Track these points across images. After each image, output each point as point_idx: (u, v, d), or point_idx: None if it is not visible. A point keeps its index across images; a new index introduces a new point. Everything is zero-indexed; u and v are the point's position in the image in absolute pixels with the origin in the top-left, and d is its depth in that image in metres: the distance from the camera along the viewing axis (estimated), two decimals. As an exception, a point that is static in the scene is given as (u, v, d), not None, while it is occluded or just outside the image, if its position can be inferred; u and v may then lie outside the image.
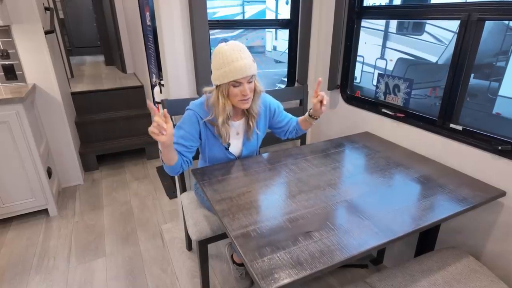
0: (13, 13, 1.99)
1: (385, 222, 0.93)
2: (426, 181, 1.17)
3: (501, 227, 1.17)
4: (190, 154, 1.26)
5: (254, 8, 9.29)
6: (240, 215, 0.97)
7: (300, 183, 1.15)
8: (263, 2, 9.33)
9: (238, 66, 1.11)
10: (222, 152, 1.33)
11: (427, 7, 1.38)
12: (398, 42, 4.89)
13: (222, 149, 1.32)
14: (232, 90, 1.16)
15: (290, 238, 0.87)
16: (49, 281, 1.66)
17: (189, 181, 1.74)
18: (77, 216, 2.19)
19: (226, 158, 1.35)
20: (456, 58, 1.22)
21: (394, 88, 1.54)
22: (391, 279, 1.09)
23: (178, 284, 1.62)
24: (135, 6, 2.67)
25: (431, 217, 0.96)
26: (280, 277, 0.74)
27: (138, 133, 3.09)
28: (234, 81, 1.14)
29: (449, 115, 1.30)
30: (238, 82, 1.15)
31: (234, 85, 1.15)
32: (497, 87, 3.84)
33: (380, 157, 1.37)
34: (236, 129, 1.33)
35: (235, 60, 1.11)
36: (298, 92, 1.89)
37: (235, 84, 1.15)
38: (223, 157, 1.34)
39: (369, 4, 1.63)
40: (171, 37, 1.51)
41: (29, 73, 2.15)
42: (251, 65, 1.15)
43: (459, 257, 1.17)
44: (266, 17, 9.05)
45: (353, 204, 1.03)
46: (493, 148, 1.14)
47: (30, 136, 1.93)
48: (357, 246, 0.84)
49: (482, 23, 1.14)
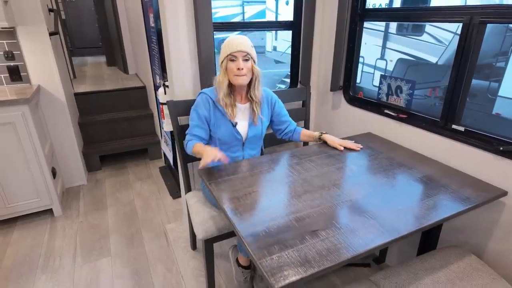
0: (18, 14, 2.01)
1: (389, 221, 0.95)
2: (429, 181, 1.20)
3: (503, 226, 1.20)
4: (206, 134, 1.42)
5: (254, 8, 9.30)
6: (247, 214, 0.99)
7: (305, 183, 1.17)
8: (263, 3, 9.35)
9: (235, 43, 1.31)
10: (230, 131, 1.42)
11: (429, 10, 1.40)
12: (398, 42, 4.91)
13: (231, 128, 1.41)
14: (229, 64, 1.33)
15: (298, 236, 0.88)
16: (55, 280, 1.68)
17: (193, 181, 1.76)
18: (81, 216, 2.21)
19: (234, 137, 1.43)
20: (458, 60, 1.25)
21: (396, 89, 1.56)
22: (395, 277, 1.11)
23: (184, 283, 1.64)
24: (137, 7, 2.69)
25: (435, 216, 0.98)
26: (289, 274, 0.76)
27: (141, 133, 3.11)
28: (230, 54, 1.31)
29: (451, 116, 1.32)
30: (234, 56, 1.30)
31: (231, 59, 1.32)
32: (496, 87, 3.87)
33: (383, 157, 1.39)
34: (242, 111, 1.45)
35: (234, 39, 1.32)
36: (301, 93, 1.91)
37: (232, 58, 1.31)
38: (231, 136, 1.42)
39: (371, 4, 1.65)
40: (176, 39, 1.53)
41: (33, 74, 2.17)
42: (247, 44, 1.32)
43: (462, 256, 1.19)
44: (266, 17, 9.08)
45: (357, 203, 1.05)
46: (494, 149, 1.17)
47: (35, 137, 1.95)
48: (363, 245, 0.86)
49: (483, 26, 1.16)
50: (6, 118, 1.84)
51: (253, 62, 1.35)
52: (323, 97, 1.99)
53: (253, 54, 1.35)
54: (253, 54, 1.35)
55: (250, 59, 1.34)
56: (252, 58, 1.34)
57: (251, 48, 1.34)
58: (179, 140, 1.58)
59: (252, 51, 1.35)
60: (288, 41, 7.28)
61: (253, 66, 1.36)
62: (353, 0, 1.61)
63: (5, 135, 1.87)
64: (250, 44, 1.34)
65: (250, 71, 1.35)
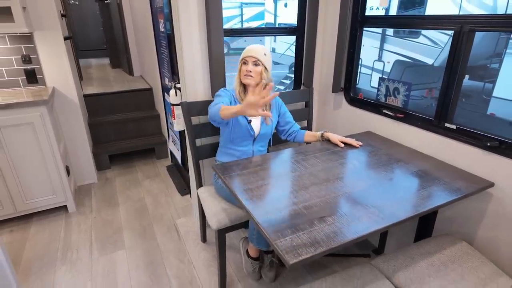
0: (35, 20, 2.11)
1: (389, 209, 1.07)
2: (424, 174, 1.31)
3: (491, 215, 1.31)
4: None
5: (253, 10, 9.42)
6: (261, 203, 1.11)
7: (311, 176, 1.29)
8: (261, 5, 9.46)
9: (249, 49, 1.51)
10: (245, 127, 1.57)
11: (424, 18, 1.52)
12: (395, 44, 5.03)
13: (246, 124, 1.57)
14: (242, 67, 1.53)
15: (307, 222, 1.00)
16: (74, 271, 1.78)
17: (203, 177, 1.87)
18: (94, 212, 2.31)
19: (248, 132, 1.58)
20: (450, 64, 1.37)
21: (394, 90, 1.67)
22: (393, 261, 1.22)
23: (196, 273, 1.75)
24: (145, 12, 2.80)
25: (429, 205, 1.10)
26: (301, 252, 0.87)
27: (147, 133, 3.21)
28: (243, 58, 1.52)
29: (444, 116, 1.44)
30: (246, 60, 1.50)
31: (244, 62, 1.52)
32: (491, 88, 3.99)
33: (382, 154, 1.50)
34: None
35: (250, 47, 1.52)
36: (304, 94, 2.03)
37: (244, 61, 1.52)
38: (245, 131, 1.58)
39: (370, 7, 1.75)
40: (189, 44, 1.64)
41: (48, 76, 2.28)
42: (259, 52, 1.49)
43: (454, 242, 1.31)
44: (264, 19, 9.19)
45: (359, 194, 1.16)
46: (483, 145, 1.28)
47: (52, 136, 2.05)
48: (365, 229, 0.97)
49: (473, 34, 1.28)
50: (25, 118, 1.94)
51: (263, 69, 1.51)
52: (325, 98, 2.11)
53: (263, 61, 1.50)
54: (263, 60, 1.50)
55: (261, 64, 1.50)
56: (262, 64, 1.50)
57: (263, 56, 1.50)
58: (192, 139, 1.69)
59: (264, 58, 1.50)
60: (286, 43, 7.40)
61: (263, 71, 1.51)
62: (353, 7, 1.72)
63: (25, 135, 1.98)
64: (263, 53, 1.50)
65: (258, 74, 1.51)
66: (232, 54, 1.65)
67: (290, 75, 6.75)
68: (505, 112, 3.81)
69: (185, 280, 1.71)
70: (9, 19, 1.90)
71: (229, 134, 1.58)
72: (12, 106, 1.89)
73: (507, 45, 3.92)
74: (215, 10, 1.58)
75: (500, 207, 1.28)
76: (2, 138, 1.92)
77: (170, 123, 2.72)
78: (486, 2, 4.19)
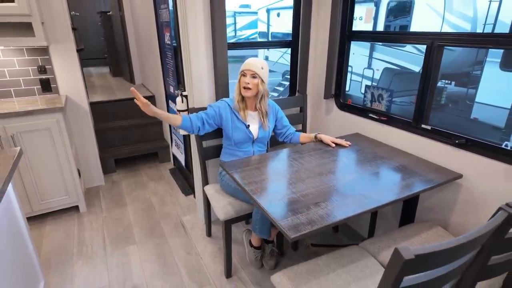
0: (51, 34, 2.30)
1: (373, 196, 1.27)
2: (404, 168, 1.52)
3: (461, 203, 1.53)
4: (204, 124, 1.73)
5: (246, 19, 9.67)
6: (264, 193, 1.30)
7: (307, 171, 1.49)
8: (254, 14, 9.73)
9: (248, 63, 1.69)
10: (244, 132, 1.77)
11: (403, 34, 1.75)
12: (384, 53, 5.28)
13: (245, 129, 1.77)
14: (241, 78, 1.71)
15: (304, 206, 1.19)
16: (91, 264, 1.94)
17: (208, 176, 2.05)
18: (104, 212, 2.47)
19: (247, 136, 1.78)
20: (424, 73, 1.59)
21: (378, 97, 1.89)
22: (378, 243, 1.42)
23: (203, 263, 1.92)
24: (149, 25, 3.00)
25: (408, 192, 1.31)
26: (301, 229, 1.06)
27: (150, 138, 3.39)
28: (243, 71, 1.69)
29: (421, 118, 1.66)
30: (245, 73, 1.68)
31: (243, 74, 1.70)
32: (474, 94, 4.26)
33: (368, 152, 1.71)
34: (252, 117, 1.81)
35: (249, 60, 1.70)
36: (299, 100, 2.24)
37: (243, 74, 1.69)
38: (245, 136, 1.78)
39: (360, 17, 1.98)
40: (196, 58, 1.84)
41: (62, 86, 2.45)
42: (257, 66, 1.67)
43: (431, 227, 1.52)
44: (258, 28, 9.43)
45: (348, 185, 1.36)
46: (453, 142, 1.50)
47: (67, 141, 2.22)
48: (353, 211, 1.17)
49: (442, 48, 1.50)
50: (43, 124, 2.11)
51: (260, 81, 1.69)
52: (317, 104, 2.33)
53: (261, 74, 1.69)
54: (260, 73, 1.68)
55: (258, 77, 1.68)
56: (259, 76, 1.68)
57: (260, 69, 1.68)
58: (199, 141, 1.88)
59: (261, 72, 1.68)
60: (279, 51, 7.64)
61: (259, 83, 1.69)
62: (342, 23, 1.95)
63: (42, 139, 2.14)
64: (260, 66, 1.68)
65: (256, 86, 1.70)
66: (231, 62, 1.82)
67: (283, 82, 6.98)
68: (487, 116, 4.07)
69: (193, 269, 1.88)
70: (29, 34, 2.08)
71: (231, 138, 1.78)
72: (32, 113, 2.06)
73: (487, 53, 4.20)
74: (219, 28, 1.78)
75: (469, 195, 1.49)
76: (22, 142, 2.08)
77: (174, 128, 2.90)
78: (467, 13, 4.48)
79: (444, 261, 0.75)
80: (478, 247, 0.86)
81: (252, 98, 1.75)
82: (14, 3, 1.96)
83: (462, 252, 0.78)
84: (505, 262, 1.01)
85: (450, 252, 0.72)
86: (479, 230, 0.77)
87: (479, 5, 4.31)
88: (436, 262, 0.73)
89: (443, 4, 4.50)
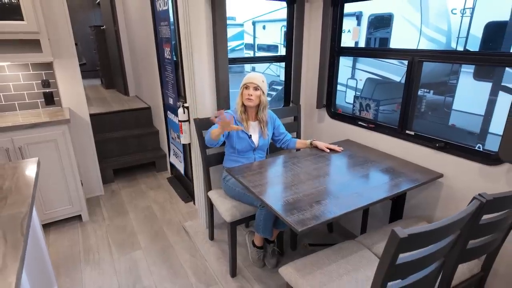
0: (55, 49, 2.39)
1: (366, 194, 1.44)
2: (392, 170, 1.70)
3: (443, 200, 1.71)
4: (223, 136, 1.86)
5: (233, 30, 9.91)
6: (270, 194, 1.44)
7: (306, 174, 1.64)
8: (240, 26, 9.99)
9: (249, 77, 1.86)
10: (247, 141, 1.92)
11: (386, 51, 1.96)
12: (366, 64, 5.56)
13: (247, 139, 1.91)
14: (244, 91, 1.87)
15: (308, 204, 1.34)
16: (99, 269, 2.01)
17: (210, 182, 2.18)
18: (107, 220, 2.55)
19: (249, 145, 1.93)
20: (407, 84, 1.79)
21: (366, 106, 2.09)
22: (372, 237, 1.58)
23: (208, 265, 2.03)
24: (146, 40, 3.13)
25: (396, 190, 1.48)
26: (306, 223, 1.21)
27: (147, 148, 3.48)
28: (245, 84, 1.85)
29: (405, 124, 1.85)
30: (247, 86, 1.84)
31: (246, 87, 1.86)
32: (451, 102, 4.55)
33: (359, 156, 1.89)
34: (253, 127, 1.96)
35: (251, 74, 1.88)
36: (293, 110, 2.41)
37: (246, 86, 1.85)
38: (247, 145, 1.93)
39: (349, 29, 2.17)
40: (199, 70, 1.99)
41: (64, 99, 2.54)
42: (258, 80, 1.85)
43: (417, 223, 1.69)
44: (244, 39, 9.69)
45: (344, 185, 1.53)
46: (434, 146, 1.69)
47: (71, 152, 2.31)
48: (351, 206, 1.33)
49: (421, 63, 1.71)
50: (50, 136, 2.20)
51: (261, 93, 1.87)
52: (310, 113, 2.50)
53: (262, 87, 1.87)
54: (262, 86, 1.87)
55: (259, 89, 1.86)
56: (261, 89, 1.86)
57: (261, 82, 1.87)
58: (203, 149, 2.01)
59: (262, 84, 1.87)
60: (266, 63, 7.88)
61: (261, 95, 1.87)
62: (331, 40, 2.14)
63: (49, 151, 2.22)
64: (261, 80, 1.87)
65: (258, 97, 1.88)
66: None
67: (270, 92, 7.22)
68: (463, 123, 4.35)
69: (199, 271, 1.98)
70: (36, 49, 2.18)
71: (235, 147, 1.92)
72: (39, 125, 2.14)
73: (462, 64, 4.51)
74: (221, 46, 1.94)
75: (449, 193, 1.68)
76: (28, 154, 2.16)
77: (172, 138, 3.01)
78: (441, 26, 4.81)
79: (430, 241, 0.92)
80: (457, 231, 1.03)
81: (254, 108, 1.91)
82: (23, 21, 2.06)
83: (445, 233, 0.95)
84: (481, 246, 1.19)
85: (435, 232, 0.88)
86: (458, 214, 0.94)
87: (452, 20, 4.64)
88: (425, 241, 0.89)
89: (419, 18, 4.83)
